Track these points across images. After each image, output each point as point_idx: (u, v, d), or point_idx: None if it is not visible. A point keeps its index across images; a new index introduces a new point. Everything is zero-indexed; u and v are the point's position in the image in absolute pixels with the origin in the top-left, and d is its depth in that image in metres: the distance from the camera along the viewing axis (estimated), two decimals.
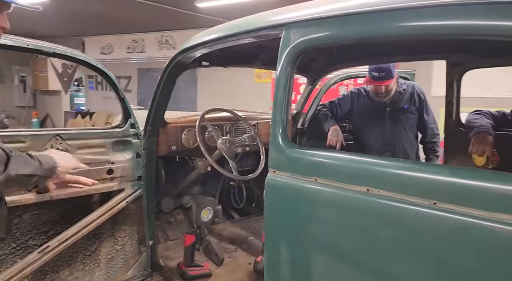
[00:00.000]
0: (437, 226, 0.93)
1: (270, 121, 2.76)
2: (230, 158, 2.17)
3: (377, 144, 2.72)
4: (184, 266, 2.16)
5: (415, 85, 2.74)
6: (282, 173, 1.28)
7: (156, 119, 2.11)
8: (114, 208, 1.99)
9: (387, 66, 2.47)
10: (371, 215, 1.07)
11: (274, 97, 1.35)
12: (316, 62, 2.67)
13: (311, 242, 1.23)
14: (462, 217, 0.88)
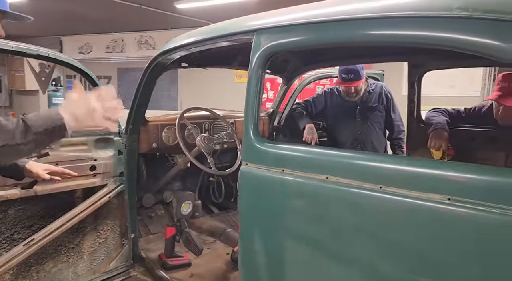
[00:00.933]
0: (382, 206, 1.09)
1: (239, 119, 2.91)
2: (208, 154, 2.29)
3: (349, 141, 2.89)
4: (165, 256, 2.27)
5: (383, 85, 2.93)
6: (254, 165, 1.42)
7: (137, 118, 2.21)
8: (97, 203, 2.08)
9: (355, 68, 2.64)
10: (330, 200, 1.22)
11: (246, 96, 1.48)
12: (290, 64, 2.82)
13: (280, 227, 1.37)
14: (403, 198, 1.04)
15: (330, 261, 1.26)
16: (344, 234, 1.19)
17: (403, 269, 1.07)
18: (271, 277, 1.42)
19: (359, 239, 1.16)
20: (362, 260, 1.15)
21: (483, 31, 0.92)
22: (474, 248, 0.94)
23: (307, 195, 1.27)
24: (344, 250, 1.20)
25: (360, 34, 1.17)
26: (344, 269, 1.22)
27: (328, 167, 1.21)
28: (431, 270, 1.00)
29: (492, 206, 0.90)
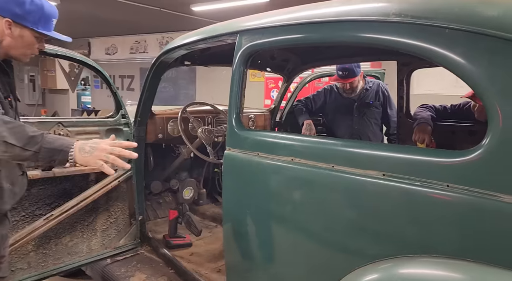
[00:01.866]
0: (334, 183, 1.27)
1: (249, 114, 3.12)
2: (208, 145, 2.51)
3: (346, 135, 3.05)
4: (169, 237, 2.51)
5: (380, 83, 3.07)
6: (235, 150, 1.62)
7: (144, 111, 2.47)
8: (108, 186, 2.34)
9: (350, 66, 2.80)
10: (295, 178, 1.41)
11: (230, 90, 1.69)
12: (289, 63, 3.00)
13: (256, 203, 1.57)
14: (349, 175, 1.22)
15: (296, 234, 1.44)
16: (305, 208, 1.38)
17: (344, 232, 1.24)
18: (249, 250, 1.62)
19: (315, 210, 1.34)
20: (322, 230, 1.33)
21: (413, 34, 1.08)
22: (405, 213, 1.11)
23: (276, 174, 1.47)
24: (306, 223, 1.39)
25: (323, 35, 1.35)
26: (307, 239, 1.40)
27: (293, 150, 1.40)
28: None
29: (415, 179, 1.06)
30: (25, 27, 1.32)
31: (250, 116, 3.10)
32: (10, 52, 1.35)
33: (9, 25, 1.30)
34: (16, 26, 1.31)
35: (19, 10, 1.29)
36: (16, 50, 1.35)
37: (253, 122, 3.13)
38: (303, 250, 1.40)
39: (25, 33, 1.33)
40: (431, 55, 1.04)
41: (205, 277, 2.14)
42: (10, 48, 1.34)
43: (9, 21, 1.29)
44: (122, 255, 2.44)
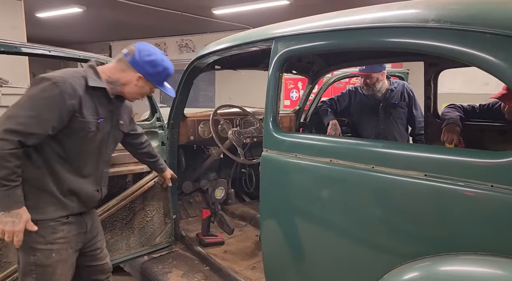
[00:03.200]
0: (374, 183, 1.32)
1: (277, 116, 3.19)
2: (238, 146, 2.60)
3: (372, 136, 3.09)
4: (202, 235, 2.60)
5: (405, 84, 3.10)
6: (272, 152, 1.69)
7: (177, 114, 2.56)
8: (144, 186, 2.45)
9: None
10: (334, 179, 1.46)
11: (266, 94, 1.77)
12: (314, 65, 3.06)
13: (295, 204, 1.63)
14: (389, 175, 1.27)
15: (335, 233, 1.50)
16: (344, 208, 1.43)
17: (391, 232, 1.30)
18: (289, 249, 1.69)
19: (355, 210, 1.40)
20: (361, 229, 1.39)
21: (453, 39, 1.13)
22: (447, 212, 1.16)
23: (314, 175, 1.53)
24: (346, 223, 1.44)
25: (360, 41, 1.41)
26: (346, 241, 1.45)
27: (332, 152, 1.46)
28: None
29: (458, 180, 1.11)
30: (149, 82, 1.62)
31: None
32: (125, 93, 1.64)
33: (138, 79, 1.59)
34: (142, 80, 1.60)
35: (152, 70, 1.58)
36: (131, 94, 1.64)
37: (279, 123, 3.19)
38: (342, 249, 1.45)
39: (146, 87, 1.63)
40: (472, 60, 1.08)
41: (240, 274, 2.22)
42: (127, 91, 1.63)
43: (141, 77, 1.58)
44: (158, 253, 2.54)
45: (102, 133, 1.59)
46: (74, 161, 1.53)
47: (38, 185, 1.47)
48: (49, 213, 1.50)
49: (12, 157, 1.33)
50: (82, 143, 1.53)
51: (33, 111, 1.37)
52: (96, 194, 1.66)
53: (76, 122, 1.46)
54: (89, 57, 2.10)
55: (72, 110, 1.44)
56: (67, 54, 2.06)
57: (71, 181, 1.53)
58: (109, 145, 1.68)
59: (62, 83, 1.41)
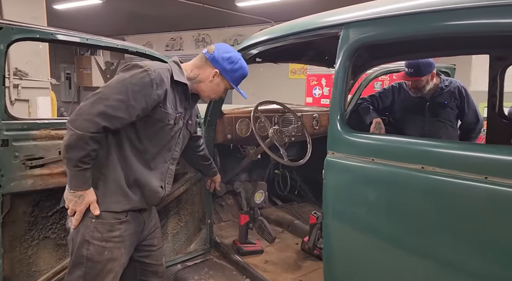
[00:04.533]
0: (487, 197, 1.09)
1: (313, 113, 2.97)
2: (281, 146, 2.38)
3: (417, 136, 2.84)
4: (239, 242, 2.39)
5: (458, 82, 2.82)
6: (340, 154, 1.47)
7: (214, 110, 2.35)
8: (180, 189, 2.24)
9: (418, 63, 2.58)
10: (428, 189, 1.22)
11: (333, 89, 1.54)
12: (359, 58, 2.82)
13: (369, 217, 1.41)
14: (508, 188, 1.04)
15: (417, 252, 1.28)
16: (444, 226, 1.19)
17: None
18: (354, 263, 1.47)
19: (455, 229, 1.17)
20: (455, 249, 1.16)
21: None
22: None
23: (400, 184, 1.31)
24: (438, 242, 1.22)
25: (450, 24, 1.18)
26: (429, 261, 1.23)
27: (426, 157, 1.23)
28: None
29: None
30: (225, 80, 1.63)
31: (314, 115, 2.95)
32: (200, 91, 1.65)
33: (214, 75, 1.60)
34: (218, 77, 1.61)
35: (228, 67, 1.61)
36: (206, 92, 1.66)
37: (317, 122, 2.97)
38: (430, 268, 1.24)
39: (221, 84, 1.65)
40: None
41: None
42: (202, 89, 1.64)
43: (217, 72, 1.60)
44: (192, 260, 2.34)
45: (177, 128, 1.58)
46: (145, 151, 1.52)
47: (106, 171, 1.47)
48: (112, 204, 1.47)
49: (92, 140, 1.34)
50: (158, 134, 1.52)
51: (123, 95, 1.36)
52: (160, 191, 1.60)
53: (158, 113, 1.48)
54: (129, 47, 1.94)
55: (157, 100, 1.44)
56: (105, 44, 1.86)
57: (139, 172, 1.51)
58: (179, 143, 1.66)
59: (153, 72, 1.42)
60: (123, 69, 1.44)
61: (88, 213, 1.44)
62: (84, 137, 1.32)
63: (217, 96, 1.71)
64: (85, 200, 1.41)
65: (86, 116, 1.33)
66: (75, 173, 1.38)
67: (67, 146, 1.34)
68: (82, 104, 1.36)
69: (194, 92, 1.65)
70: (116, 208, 1.47)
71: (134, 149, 1.49)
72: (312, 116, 2.93)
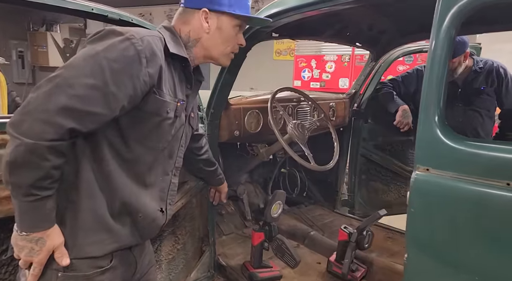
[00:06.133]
0: None
1: (330, 102, 2.49)
2: (303, 145, 1.89)
3: None
4: (252, 267, 1.90)
5: (495, 63, 2.43)
6: (442, 173, 1.00)
7: (220, 100, 1.81)
8: (177, 203, 1.71)
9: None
10: None
11: (426, 73, 1.07)
12: (385, 35, 2.35)
13: (487, 267, 0.96)
14: None
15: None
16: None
17: None
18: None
19: None
20: None
21: None
22: None
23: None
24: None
25: None
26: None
27: None
28: None
29: None
30: (222, 13, 1.09)
31: (330, 104, 2.47)
32: (211, 52, 1.13)
33: (206, 17, 1.09)
34: (212, 16, 1.09)
35: None
36: (215, 49, 1.13)
37: (333, 112, 2.49)
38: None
39: (223, 24, 1.11)
40: None
41: None
42: (209, 48, 1.12)
43: (206, 11, 1.08)
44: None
45: (179, 124, 1.10)
46: (137, 160, 1.03)
47: (77, 197, 0.97)
48: (88, 246, 0.98)
49: (52, 152, 0.85)
50: (154, 134, 1.03)
51: (97, 78, 0.87)
52: (159, 216, 1.13)
53: (152, 102, 0.98)
54: (110, 12, 1.40)
55: (150, 83, 0.95)
56: (73, 6, 1.27)
57: (128, 192, 1.02)
58: (182, 145, 1.18)
59: (139, 41, 0.92)
60: (93, 38, 0.93)
61: (52, 263, 0.95)
62: (39, 148, 0.83)
63: (233, 47, 1.16)
64: (46, 246, 0.92)
65: (40, 114, 0.83)
66: (27, 206, 0.88)
67: (12, 164, 0.84)
68: (31, 96, 0.85)
69: (198, 62, 1.16)
70: (95, 252, 0.99)
71: (120, 159, 1.00)
72: (328, 105, 2.44)
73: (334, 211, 2.74)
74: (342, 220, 2.61)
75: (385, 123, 2.64)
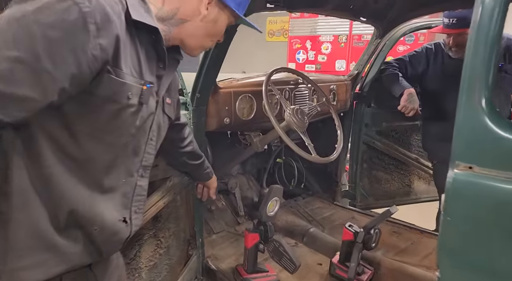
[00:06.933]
0: None
1: (331, 84, 2.24)
2: (303, 133, 1.65)
3: None
4: (246, 271, 1.69)
5: (508, 35, 2.20)
6: (491, 172, 0.77)
7: (207, 83, 1.56)
8: (158, 203, 1.48)
9: (462, 12, 1.95)
10: None
11: (468, 48, 0.83)
12: (393, 9, 2.09)
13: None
14: None
15: None
16: None
17: None
18: None
19: None
20: None
21: None
22: None
23: None
24: None
25: None
26: None
27: None
28: None
29: None
30: (226, 7, 0.92)
31: (331, 87, 2.22)
32: (190, 41, 0.94)
33: (210, 3, 0.90)
34: (215, 6, 0.92)
35: None
36: (196, 39, 0.95)
37: (334, 95, 2.25)
38: None
39: (221, 18, 0.94)
40: None
41: None
42: (191, 34, 0.93)
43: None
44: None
45: (146, 113, 0.86)
46: (89, 160, 0.81)
47: (7, 208, 0.74)
48: (24, 271, 0.76)
49: None
50: (112, 126, 0.80)
51: (22, 49, 0.63)
52: (121, 228, 0.90)
53: (106, 84, 0.74)
54: None
55: (101, 58, 0.70)
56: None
57: (77, 198, 0.80)
58: (152, 139, 0.94)
59: (85, 1, 0.66)
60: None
61: None
62: None
63: (212, 43, 1.00)
64: None
65: None
66: None
67: None
68: None
69: (172, 43, 0.94)
70: (35, 276, 0.78)
71: (66, 157, 0.78)
72: (329, 88, 2.20)
73: (334, 203, 2.53)
74: (342, 213, 2.41)
75: (389, 107, 2.41)
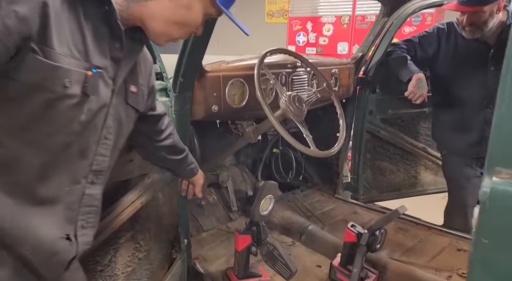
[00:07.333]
0: None
1: (333, 68, 2.04)
2: (300, 123, 1.46)
3: (474, 99, 2.03)
4: (236, 276, 1.53)
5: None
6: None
7: (191, 66, 1.36)
8: (135, 203, 1.30)
9: None
10: None
11: None
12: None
13: None
14: None
15: None
16: None
17: None
18: None
19: None
20: None
21: None
22: None
23: None
24: None
25: None
26: None
27: None
28: None
29: None
30: None
31: (333, 71, 2.02)
32: (150, 22, 0.78)
33: None
34: None
35: None
36: (161, 23, 0.78)
37: (336, 80, 2.04)
38: None
39: (196, 5, 0.80)
40: None
41: None
42: (155, 16, 0.77)
43: None
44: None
45: (96, 105, 0.71)
46: (12, 164, 0.66)
47: None
48: None
49: None
50: (41, 121, 0.64)
51: None
52: (64, 247, 0.76)
53: (31, 66, 0.58)
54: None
55: (20, 32, 0.56)
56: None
57: (2, 212, 0.66)
58: (108, 137, 0.79)
59: None
60: None
61: None
62: None
63: (181, 34, 0.84)
64: None
65: None
66: None
67: None
68: None
69: (133, 23, 0.79)
70: None
71: None
72: (330, 72, 2.00)
73: (334, 197, 2.36)
74: (344, 208, 2.24)
75: (395, 93, 2.22)
